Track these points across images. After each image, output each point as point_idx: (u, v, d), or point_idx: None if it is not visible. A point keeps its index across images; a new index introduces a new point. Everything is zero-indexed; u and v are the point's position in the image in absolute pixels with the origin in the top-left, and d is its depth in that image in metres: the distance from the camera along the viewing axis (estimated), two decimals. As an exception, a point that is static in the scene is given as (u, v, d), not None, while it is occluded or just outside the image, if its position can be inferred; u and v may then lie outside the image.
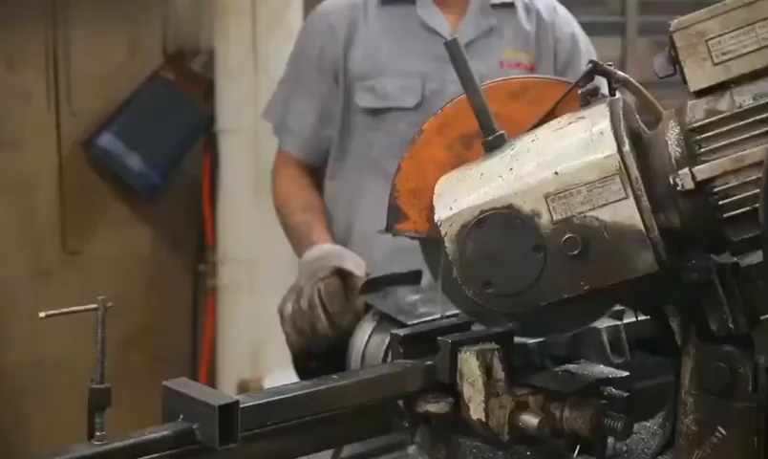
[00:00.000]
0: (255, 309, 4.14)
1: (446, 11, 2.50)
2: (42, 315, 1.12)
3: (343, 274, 1.93)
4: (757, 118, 1.16)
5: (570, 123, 1.25)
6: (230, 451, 1.16)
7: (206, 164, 4.50)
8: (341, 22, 2.48)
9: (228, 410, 1.14)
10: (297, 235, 2.40)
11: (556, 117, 1.31)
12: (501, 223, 1.22)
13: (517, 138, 1.30)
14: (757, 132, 1.16)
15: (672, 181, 1.18)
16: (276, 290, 2.18)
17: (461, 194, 1.26)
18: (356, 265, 2.00)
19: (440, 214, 1.27)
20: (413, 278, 1.81)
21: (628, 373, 1.45)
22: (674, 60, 1.21)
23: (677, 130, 1.20)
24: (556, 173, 1.20)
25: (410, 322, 1.56)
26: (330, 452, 1.72)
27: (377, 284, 1.78)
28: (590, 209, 1.18)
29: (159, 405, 1.19)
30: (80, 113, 4.38)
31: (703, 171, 1.17)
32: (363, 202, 2.44)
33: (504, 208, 1.22)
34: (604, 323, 1.54)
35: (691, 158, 1.19)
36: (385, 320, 1.65)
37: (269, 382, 3.79)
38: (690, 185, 1.17)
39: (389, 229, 1.43)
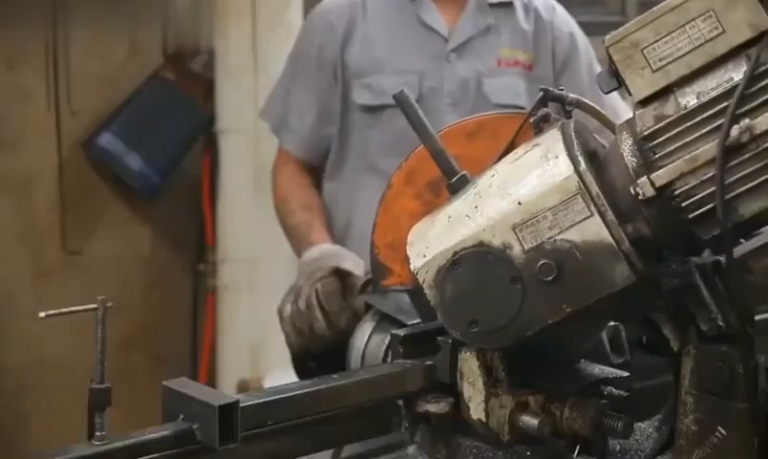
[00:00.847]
0: (255, 309, 4.14)
1: (444, 10, 2.50)
2: (42, 315, 1.12)
3: (341, 274, 1.93)
4: (704, 115, 1.17)
5: (526, 153, 1.26)
6: (230, 451, 1.16)
7: (206, 164, 4.51)
8: (340, 20, 2.49)
9: (228, 410, 1.14)
10: (297, 235, 2.40)
11: (515, 148, 1.32)
12: (474, 261, 1.23)
13: (478, 176, 1.31)
14: (707, 129, 1.17)
15: (632, 191, 1.19)
16: (276, 290, 2.18)
17: (432, 240, 1.27)
18: (355, 265, 2.00)
19: (415, 263, 1.28)
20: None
21: (628, 373, 1.45)
22: (615, 73, 1.22)
23: (630, 141, 1.21)
24: (519, 203, 1.21)
25: (410, 322, 1.56)
26: (330, 452, 1.72)
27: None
28: (559, 233, 1.19)
29: (159, 405, 1.19)
30: (80, 113, 4.38)
31: (661, 177, 1.18)
32: (361, 200, 2.45)
33: (476, 246, 1.23)
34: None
35: (647, 166, 1.19)
36: (385, 320, 1.65)
37: (269, 382, 3.79)
38: (650, 192, 1.18)
39: (375, 287, 1.44)
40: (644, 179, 1.18)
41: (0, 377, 4.30)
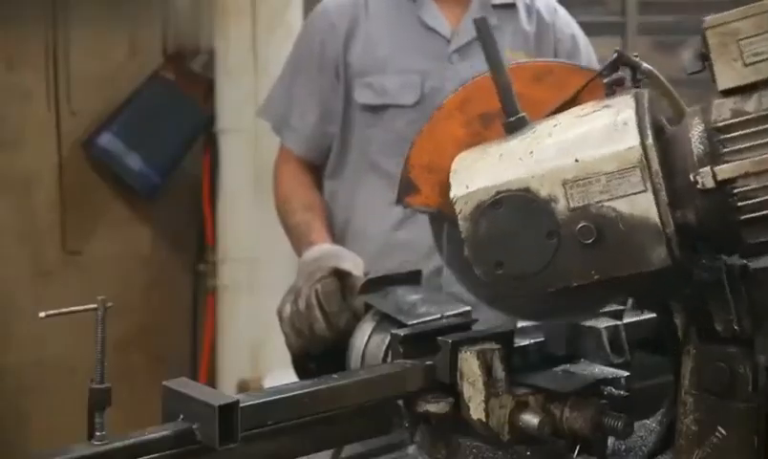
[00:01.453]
0: (255, 309, 4.15)
1: (447, 11, 2.50)
2: (42, 315, 1.12)
3: (341, 274, 1.93)
4: None
5: (594, 111, 1.23)
6: (230, 451, 1.16)
7: (206, 164, 4.51)
8: (342, 19, 2.48)
9: (228, 410, 1.14)
10: (297, 235, 2.41)
11: (577, 104, 1.30)
12: (516, 205, 1.21)
13: (538, 121, 1.28)
14: None
15: (692, 178, 1.17)
16: (276, 290, 2.18)
17: (479, 173, 1.25)
18: (355, 265, 2.00)
19: (456, 191, 1.25)
20: (413, 278, 1.81)
21: (628, 373, 1.45)
22: (704, 58, 1.20)
23: (701, 128, 1.19)
24: (576, 160, 1.19)
25: (410, 322, 1.56)
26: (330, 452, 1.72)
27: (377, 284, 1.78)
28: (608, 199, 1.17)
29: (159, 405, 1.19)
30: (80, 113, 4.39)
31: (724, 171, 1.16)
32: (360, 198, 2.45)
33: (521, 191, 1.21)
34: (603, 323, 1.54)
35: (713, 157, 1.17)
36: (385, 320, 1.65)
37: (269, 382, 3.79)
38: (710, 183, 1.16)
39: (399, 201, 1.41)
40: (707, 169, 1.16)
41: (0, 377, 4.30)
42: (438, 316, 1.59)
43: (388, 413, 1.40)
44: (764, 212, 1.15)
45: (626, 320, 1.55)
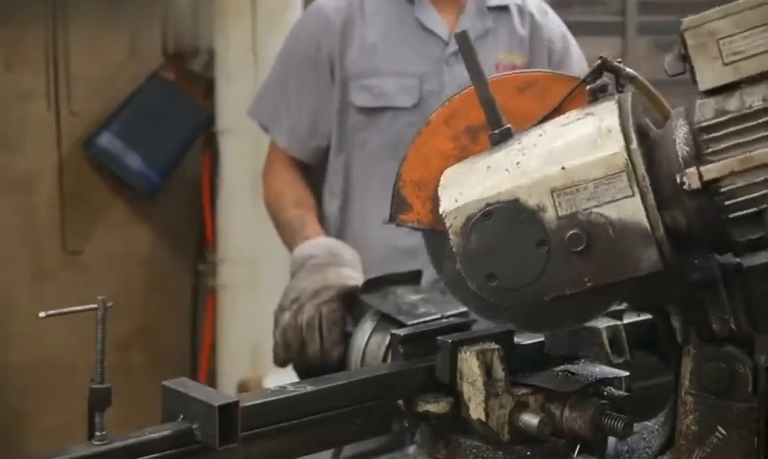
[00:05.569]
0: (255, 309, 4.14)
1: (443, 12, 2.50)
2: (42, 315, 1.12)
3: (347, 295, 1.89)
4: (767, 119, 1.15)
5: (578, 119, 1.24)
6: (230, 451, 1.16)
7: (206, 164, 4.51)
8: (338, 17, 2.47)
9: (228, 410, 1.14)
10: (290, 230, 2.39)
11: (563, 112, 1.30)
12: (506, 216, 1.22)
13: (524, 132, 1.29)
14: (766, 133, 1.15)
15: (678, 180, 1.17)
16: (276, 290, 2.18)
17: (467, 187, 1.26)
18: (353, 265, 1.98)
19: (446, 206, 1.26)
20: (413, 278, 1.81)
21: (628, 373, 1.45)
22: (684, 59, 1.21)
23: (685, 129, 1.19)
24: (563, 168, 1.19)
25: (410, 322, 1.56)
26: (330, 453, 1.72)
27: (377, 284, 1.78)
28: (596, 206, 1.18)
29: (159, 405, 1.19)
30: (80, 113, 4.39)
31: (710, 171, 1.16)
32: (355, 202, 2.44)
33: (510, 202, 1.22)
34: (604, 323, 1.54)
35: (698, 157, 1.18)
36: (385, 320, 1.65)
37: (269, 382, 3.79)
38: (696, 184, 1.16)
39: (392, 219, 1.42)
40: (693, 169, 1.16)
41: (0, 377, 4.31)
42: (438, 316, 1.59)
43: (388, 413, 1.40)
44: (752, 210, 1.15)
45: (626, 321, 1.55)
